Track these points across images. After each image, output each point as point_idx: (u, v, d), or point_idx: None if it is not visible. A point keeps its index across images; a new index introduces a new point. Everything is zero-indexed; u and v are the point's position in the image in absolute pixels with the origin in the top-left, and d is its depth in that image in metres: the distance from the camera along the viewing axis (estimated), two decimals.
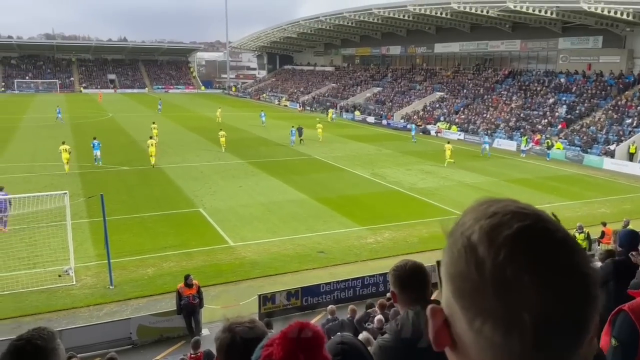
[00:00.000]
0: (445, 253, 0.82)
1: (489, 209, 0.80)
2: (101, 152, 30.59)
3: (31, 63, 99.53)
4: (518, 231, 0.75)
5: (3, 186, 19.79)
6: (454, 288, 0.78)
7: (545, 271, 0.73)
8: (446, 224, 0.84)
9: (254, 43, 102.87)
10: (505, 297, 0.72)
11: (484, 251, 0.75)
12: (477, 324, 0.74)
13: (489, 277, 0.73)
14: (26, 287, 13.87)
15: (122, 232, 18.02)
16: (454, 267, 0.78)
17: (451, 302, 0.79)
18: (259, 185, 25.92)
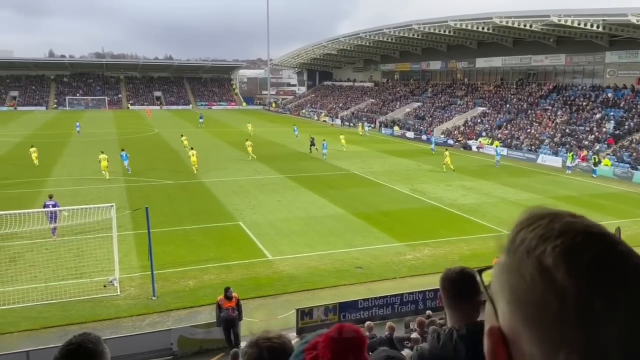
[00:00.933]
0: (505, 272, 0.76)
1: (553, 225, 0.75)
2: (129, 162, 32.72)
3: (82, 81, 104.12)
4: (597, 257, 0.71)
5: (52, 194, 20.67)
6: (524, 315, 0.72)
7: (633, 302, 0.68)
8: (501, 239, 0.80)
9: (294, 60, 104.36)
10: (592, 330, 0.67)
11: (564, 279, 0.69)
12: (561, 357, 0.68)
13: (572, 308, 0.68)
14: (73, 297, 14.35)
15: (165, 244, 18.45)
16: (525, 293, 0.72)
17: (516, 327, 0.73)
18: (297, 200, 26.09)
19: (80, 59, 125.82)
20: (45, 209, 19.01)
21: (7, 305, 13.79)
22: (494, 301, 0.78)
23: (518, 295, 0.73)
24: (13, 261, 16.86)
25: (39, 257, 17.12)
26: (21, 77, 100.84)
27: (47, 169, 33.14)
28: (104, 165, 30.06)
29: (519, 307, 0.73)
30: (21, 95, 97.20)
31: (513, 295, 0.74)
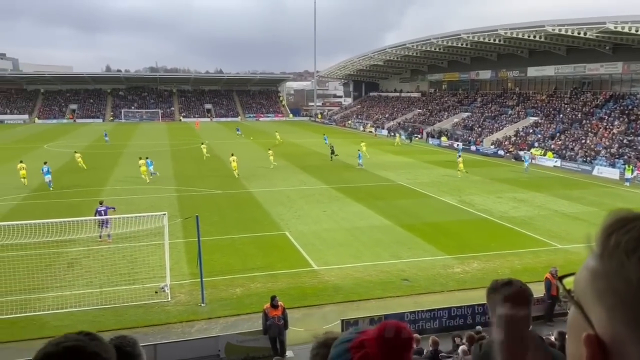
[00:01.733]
0: (602, 277, 0.75)
1: None
2: (154, 167, 35.44)
3: (137, 94, 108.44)
4: None
5: (103, 200, 21.55)
6: (632, 318, 0.71)
7: None
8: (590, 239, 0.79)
9: (341, 71, 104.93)
10: None
11: None
12: None
13: None
14: (126, 302, 14.87)
15: (214, 252, 18.86)
16: (633, 296, 0.71)
17: (621, 331, 0.72)
18: (342, 210, 26.10)
19: (135, 73, 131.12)
20: (97, 215, 19.88)
21: (65, 309, 14.43)
22: (584, 309, 0.77)
23: (623, 298, 0.72)
24: (71, 267, 17.67)
25: (95, 263, 17.87)
26: (80, 91, 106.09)
27: (103, 179, 34.60)
28: (143, 171, 33.74)
29: (626, 310, 0.71)
30: (80, 108, 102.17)
31: (617, 299, 0.73)
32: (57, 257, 18.08)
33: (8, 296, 14.65)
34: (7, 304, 14.30)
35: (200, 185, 32.50)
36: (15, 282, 15.40)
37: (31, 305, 14.43)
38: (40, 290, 15.42)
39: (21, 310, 14.13)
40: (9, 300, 14.43)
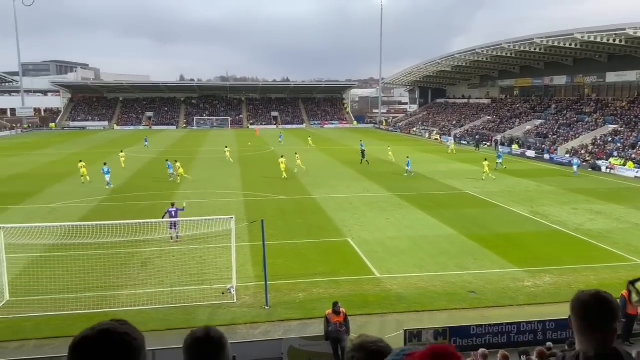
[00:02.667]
0: None
1: None
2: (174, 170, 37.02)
3: (208, 102, 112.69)
4: None
5: (174, 202, 22.48)
6: None
7: None
8: None
9: (407, 78, 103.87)
10: None
11: None
12: None
13: None
14: (195, 302, 15.41)
15: (278, 257, 19.17)
16: None
17: None
18: (406, 219, 25.73)
19: (207, 82, 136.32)
20: (167, 215, 20.85)
21: (137, 306, 15.16)
22: None
23: None
24: (144, 266, 18.56)
25: (167, 264, 18.66)
26: (156, 99, 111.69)
27: (175, 183, 36.12)
28: (180, 172, 36.40)
29: None
30: (155, 115, 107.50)
31: None
32: (132, 256, 19.06)
33: (86, 292, 15.59)
34: (86, 299, 15.22)
35: (266, 190, 33.21)
36: (93, 280, 16.38)
37: (107, 302, 15.27)
38: (115, 287, 16.29)
39: (98, 306, 14.98)
40: (87, 296, 15.36)
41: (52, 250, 18.81)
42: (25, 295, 15.48)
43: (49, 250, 18.77)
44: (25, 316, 14.42)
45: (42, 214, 26.72)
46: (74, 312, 14.56)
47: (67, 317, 14.33)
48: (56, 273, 16.58)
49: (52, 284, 15.93)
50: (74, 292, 15.56)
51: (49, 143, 68.98)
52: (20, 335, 13.55)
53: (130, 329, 1.53)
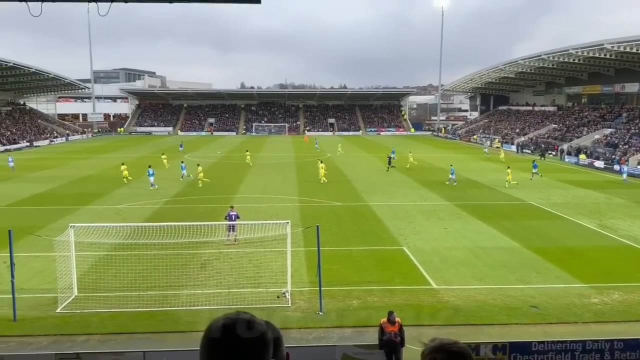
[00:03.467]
0: None
1: None
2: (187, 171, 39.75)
3: (267, 109, 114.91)
4: None
5: (234, 205, 23.01)
6: None
7: None
8: None
9: (467, 85, 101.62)
10: None
11: None
12: None
13: None
14: (250, 304, 15.66)
15: (332, 263, 19.16)
16: None
17: None
18: (465, 229, 25.07)
19: (266, 90, 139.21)
20: (228, 219, 21.37)
21: (196, 306, 15.59)
22: None
23: None
24: (203, 267, 19.08)
25: (225, 266, 19.09)
26: (217, 106, 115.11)
27: (234, 187, 37.01)
28: (201, 178, 37.67)
29: None
30: (217, 121, 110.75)
31: None
32: (192, 257, 19.65)
33: (149, 291, 16.20)
34: (148, 297, 15.82)
35: (321, 196, 33.35)
36: (156, 279, 17.00)
37: (168, 301, 15.80)
38: (176, 287, 16.84)
39: (159, 304, 15.53)
40: (149, 295, 15.96)
41: (118, 249, 19.71)
42: (92, 291, 16.29)
43: (115, 249, 19.67)
44: (92, 311, 15.15)
45: (109, 214, 28.09)
46: (137, 310, 15.18)
47: (130, 314, 14.96)
48: (121, 271, 17.36)
49: (116, 282, 16.70)
50: (137, 290, 16.22)
51: (116, 147, 72.57)
52: (86, 329, 14.25)
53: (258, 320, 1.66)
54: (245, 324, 1.73)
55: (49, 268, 17.91)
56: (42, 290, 16.72)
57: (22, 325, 14.30)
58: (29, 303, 15.54)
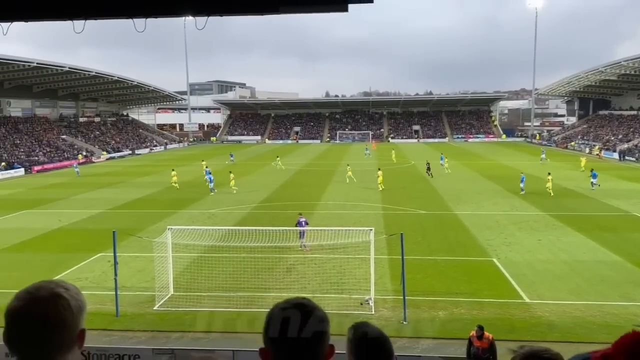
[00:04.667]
0: None
1: None
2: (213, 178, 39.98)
3: (351, 117, 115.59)
4: None
5: (302, 212, 23.26)
6: None
7: None
8: None
9: (564, 88, 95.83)
10: None
11: None
12: None
13: None
14: (334, 310, 15.76)
15: (416, 272, 18.83)
16: None
17: None
18: (560, 241, 23.59)
19: (350, 98, 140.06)
20: (298, 226, 21.54)
21: None
22: None
23: None
24: (289, 271, 19.52)
25: (309, 270, 19.41)
26: (303, 114, 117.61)
27: (317, 194, 37.54)
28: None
29: None
30: (302, 130, 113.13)
31: None
32: (278, 261, 20.19)
33: (238, 292, 16.85)
34: (237, 298, 16.45)
35: (405, 204, 32.91)
36: (244, 280, 17.66)
37: (256, 303, 16.31)
38: (263, 289, 17.36)
39: (247, 306, 16.08)
40: (239, 296, 16.59)
41: (210, 251, 20.71)
42: (186, 290, 17.24)
43: (208, 251, 20.69)
44: (186, 310, 16.02)
45: (202, 218, 29.60)
46: (227, 310, 15.84)
47: (221, 313, 15.64)
48: (213, 272, 18.22)
49: (209, 282, 17.54)
50: (227, 290, 16.95)
51: (210, 155, 76.35)
52: (181, 327, 15.09)
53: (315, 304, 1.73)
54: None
55: (148, 267, 19.20)
56: (141, 288, 17.95)
57: (123, 321, 15.43)
58: (129, 300, 16.74)
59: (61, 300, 1.42)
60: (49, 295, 1.41)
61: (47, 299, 1.41)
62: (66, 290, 1.45)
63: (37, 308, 1.39)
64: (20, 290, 1.47)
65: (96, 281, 18.64)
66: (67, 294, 1.44)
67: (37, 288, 1.43)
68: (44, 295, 1.41)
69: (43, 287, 1.43)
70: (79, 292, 1.50)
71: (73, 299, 1.45)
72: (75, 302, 1.45)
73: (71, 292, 1.46)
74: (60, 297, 1.42)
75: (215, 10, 5.66)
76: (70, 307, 1.43)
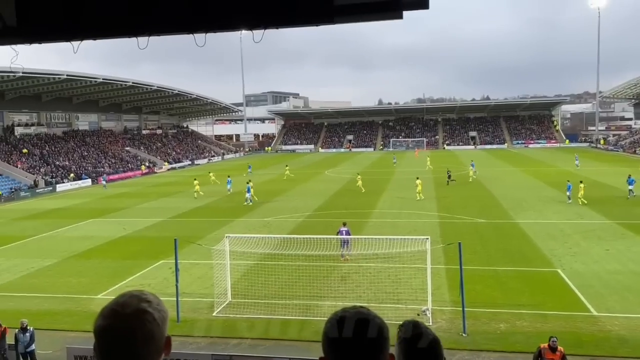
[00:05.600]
0: None
1: None
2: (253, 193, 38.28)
3: (404, 124, 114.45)
4: None
5: (346, 222, 22.98)
6: None
7: None
8: None
9: (631, 90, 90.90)
10: None
11: None
12: None
13: None
14: (390, 320, 15.46)
15: (475, 282, 18.29)
16: None
17: None
18: (630, 250, 22.26)
19: (404, 105, 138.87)
20: (339, 235, 21.11)
21: None
22: None
23: None
24: (343, 280, 19.47)
25: (363, 279, 19.29)
26: (356, 123, 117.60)
27: (372, 202, 37.31)
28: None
29: None
30: (355, 138, 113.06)
31: None
32: (333, 270, 20.18)
33: (293, 300, 16.97)
34: (293, 306, 16.56)
35: (463, 212, 32.12)
36: (299, 288, 17.75)
37: (311, 311, 16.36)
38: (318, 298, 17.38)
39: (303, 314, 16.15)
40: (294, 304, 16.70)
41: (266, 259, 21.01)
42: (244, 297, 17.54)
43: (264, 259, 21.00)
44: (243, 317, 16.29)
45: (258, 226, 30.10)
46: (283, 317, 15.97)
47: (277, 321, 15.80)
48: (269, 280, 18.47)
49: (265, 289, 17.79)
50: (282, 298, 17.11)
51: (265, 164, 77.70)
52: (238, 333, 15.35)
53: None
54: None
55: (207, 274, 19.71)
56: (201, 294, 18.43)
57: (184, 326, 15.87)
58: (189, 306, 17.21)
59: (146, 315, 1.47)
60: (134, 311, 1.46)
61: (133, 316, 1.46)
62: (149, 304, 1.49)
63: (125, 324, 1.44)
64: (105, 308, 1.52)
65: (158, 287, 19.28)
66: (151, 308, 1.49)
67: (121, 305, 1.48)
68: (129, 313, 1.46)
69: (127, 304, 1.48)
70: (160, 302, 1.55)
71: (157, 312, 1.49)
72: (159, 314, 1.49)
73: (154, 305, 1.51)
74: (145, 312, 1.47)
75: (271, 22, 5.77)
76: (155, 320, 1.47)
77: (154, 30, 6.02)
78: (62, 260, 24.15)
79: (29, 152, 62.49)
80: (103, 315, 1.49)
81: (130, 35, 6.12)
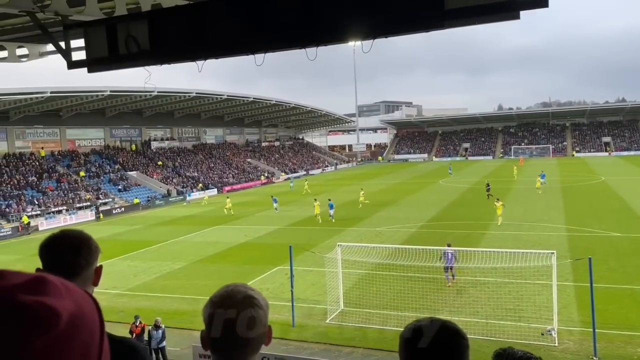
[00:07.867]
0: None
1: None
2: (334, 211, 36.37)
3: (527, 130, 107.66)
4: None
5: (450, 243, 21.33)
6: None
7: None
8: None
9: None
10: None
11: None
12: None
13: None
14: (510, 338, 14.64)
15: (609, 302, 16.59)
16: None
17: None
18: None
19: (526, 110, 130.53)
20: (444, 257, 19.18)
21: None
22: None
23: None
24: (459, 294, 18.74)
25: (481, 294, 18.39)
26: (472, 130, 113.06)
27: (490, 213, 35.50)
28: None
29: None
30: (472, 146, 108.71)
31: None
32: (447, 282, 19.50)
33: (406, 311, 16.66)
34: (406, 318, 16.22)
35: (595, 225, 29.35)
36: (412, 300, 17.41)
37: None
38: (431, 311, 16.87)
39: None
40: (407, 316, 16.36)
41: (378, 268, 20.92)
42: (356, 306, 17.61)
43: (376, 269, 20.93)
44: (356, 325, 16.36)
45: (370, 235, 30.10)
46: (395, 329, 15.74)
47: (389, 332, 15.61)
48: (380, 290, 18.37)
49: (377, 299, 17.71)
50: (395, 309, 16.89)
51: (377, 174, 77.66)
52: (351, 342, 15.43)
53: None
54: None
55: (321, 281, 20.11)
56: (314, 301, 18.85)
57: (298, 331, 16.33)
58: (303, 311, 17.68)
59: (254, 301, 1.54)
60: (243, 297, 1.54)
61: (243, 301, 1.53)
62: (255, 291, 1.58)
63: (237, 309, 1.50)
64: (216, 295, 1.61)
65: (275, 292, 20.07)
66: (256, 294, 1.57)
67: (232, 292, 1.56)
68: (240, 298, 1.54)
69: (238, 291, 1.56)
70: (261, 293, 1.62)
71: (262, 298, 1.57)
72: (264, 301, 1.57)
73: (258, 293, 1.59)
74: (253, 298, 1.55)
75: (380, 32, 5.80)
76: (262, 307, 1.54)
77: (269, 47, 6.34)
78: (190, 264, 26.14)
79: (163, 164, 68.80)
80: (212, 302, 1.57)
81: (248, 53, 6.51)
